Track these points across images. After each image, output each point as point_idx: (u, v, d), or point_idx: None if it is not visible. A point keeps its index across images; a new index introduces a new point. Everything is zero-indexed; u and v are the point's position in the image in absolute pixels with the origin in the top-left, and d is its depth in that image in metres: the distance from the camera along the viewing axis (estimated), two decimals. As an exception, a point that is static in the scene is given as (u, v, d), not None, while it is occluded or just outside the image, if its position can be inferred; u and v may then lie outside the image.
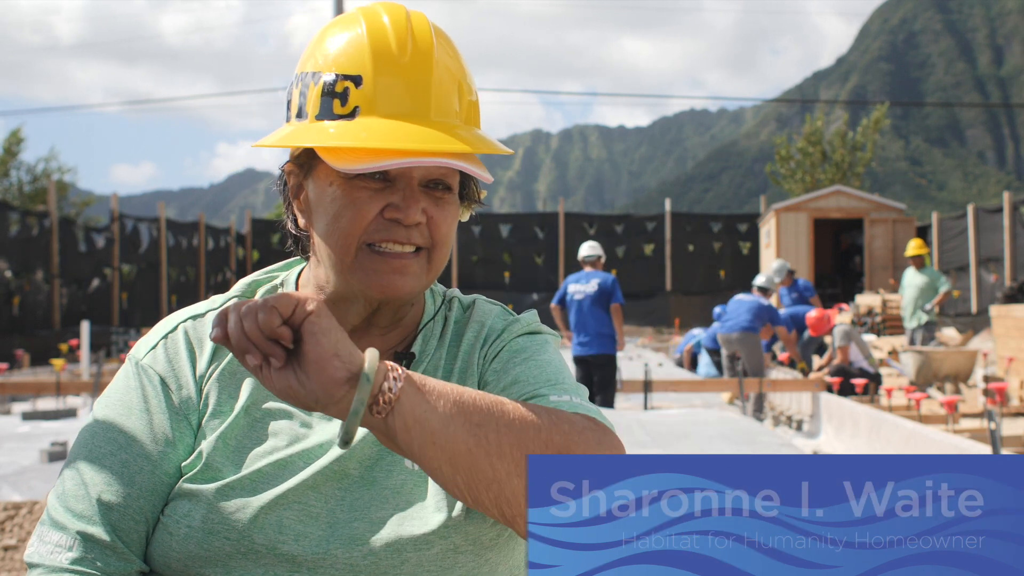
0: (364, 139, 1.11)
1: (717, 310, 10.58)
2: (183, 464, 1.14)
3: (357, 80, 1.15)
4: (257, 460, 1.13)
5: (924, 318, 11.90)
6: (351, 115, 1.14)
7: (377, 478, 1.14)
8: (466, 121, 1.20)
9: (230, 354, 1.19)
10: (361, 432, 1.14)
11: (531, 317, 1.30)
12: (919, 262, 12.18)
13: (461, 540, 1.12)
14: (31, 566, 1.11)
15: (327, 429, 1.17)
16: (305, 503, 1.11)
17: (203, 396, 1.18)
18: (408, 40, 1.16)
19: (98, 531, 1.11)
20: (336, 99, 1.15)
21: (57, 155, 32.10)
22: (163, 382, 1.18)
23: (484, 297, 1.35)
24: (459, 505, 1.12)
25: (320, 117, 1.16)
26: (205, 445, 1.14)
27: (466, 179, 1.25)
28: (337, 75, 1.16)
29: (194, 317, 1.25)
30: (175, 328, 1.23)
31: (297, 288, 1.28)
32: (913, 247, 12.36)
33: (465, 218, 1.30)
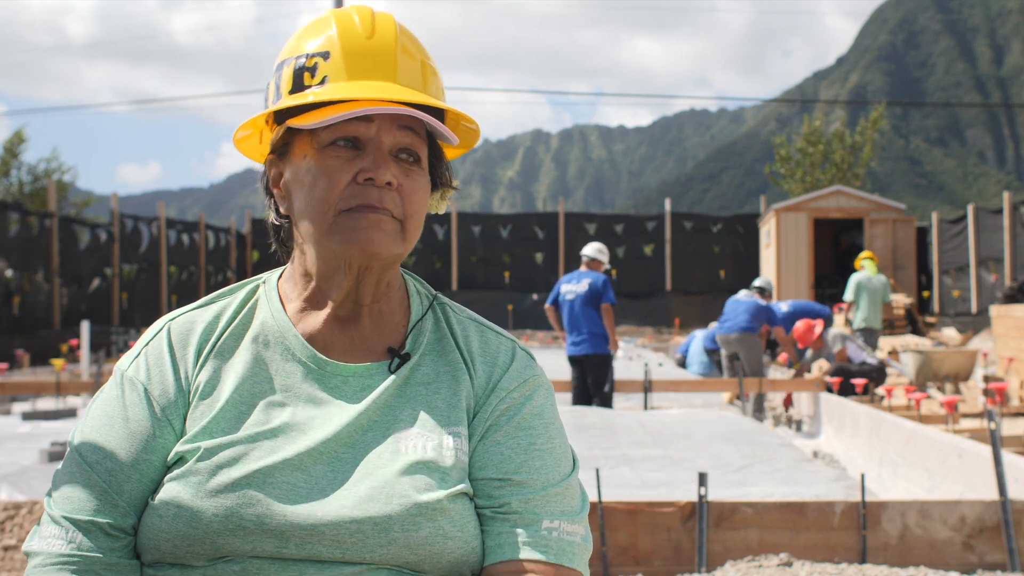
0: (330, 92, 1.15)
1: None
2: (168, 459, 1.16)
3: (325, 55, 1.19)
4: (244, 442, 1.15)
5: (861, 324, 12.42)
6: (321, 83, 1.19)
7: (369, 467, 1.15)
8: (432, 96, 1.23)
9: (220, 339, 1.22)
10: (352, 418, 1.17)
11: (538, 368, 1.30)
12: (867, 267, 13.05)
13: (450, 527, 1.13)
14: (30, 555, 1.13)
15: (312, 413, 1.18)
16: (293, 482, 1.12)
17: (193, 391, 1.19)
18: (372, 23, 1.21)
19: (93, 524, 1.13)
20: (307, 72, 1.19)
21: (58, 155, 32.09)
22: (146, 391, 1.19)
23: (492, 326, 1.33)
24: (448, 493, 1.14)
25: (293, 92, 1.20)
26: (194, 428, 1.16)
27: (436, 159, 1.27)
28: (307, 55, 1.20)
29: (182, 314, 1.26)
30: (158, 333, 1.24)
31: (278, 285, 1.29)
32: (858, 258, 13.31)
33: (441, 210, 1.31)
